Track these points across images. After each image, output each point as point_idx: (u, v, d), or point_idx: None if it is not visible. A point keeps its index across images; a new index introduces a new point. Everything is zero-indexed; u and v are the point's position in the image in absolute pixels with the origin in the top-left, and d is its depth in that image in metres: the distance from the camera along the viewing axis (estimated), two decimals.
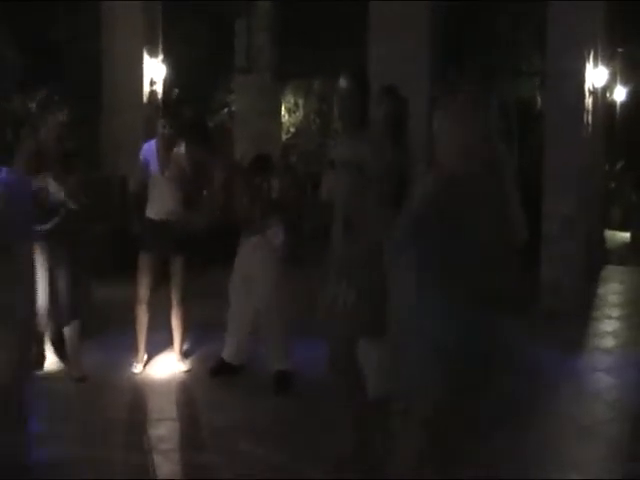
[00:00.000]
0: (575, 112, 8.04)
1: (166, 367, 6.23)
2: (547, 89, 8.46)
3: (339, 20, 12.23)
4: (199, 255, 7.04)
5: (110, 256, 8.61)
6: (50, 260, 5.76)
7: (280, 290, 5.85)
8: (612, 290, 10.01)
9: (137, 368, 6.12)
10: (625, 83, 16.28)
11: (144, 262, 6.03)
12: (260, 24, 13.40)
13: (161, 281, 6.15)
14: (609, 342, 7.42)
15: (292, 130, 16.47)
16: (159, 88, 10.62)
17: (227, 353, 6.04)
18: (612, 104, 15.60)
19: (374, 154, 4.33)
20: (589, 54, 8.23)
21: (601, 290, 9.89)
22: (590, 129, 8.72)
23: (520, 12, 11.70)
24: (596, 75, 9.08)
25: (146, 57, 10.39)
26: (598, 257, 10.62)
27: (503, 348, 3.33)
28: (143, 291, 6.06)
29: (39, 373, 5.88)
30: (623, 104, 16.67)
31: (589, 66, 8.27)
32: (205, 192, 6.23)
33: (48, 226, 5.68)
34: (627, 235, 14.39)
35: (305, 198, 12.01)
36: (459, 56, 10.58)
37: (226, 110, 15.41)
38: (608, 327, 8.01)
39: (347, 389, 4.36)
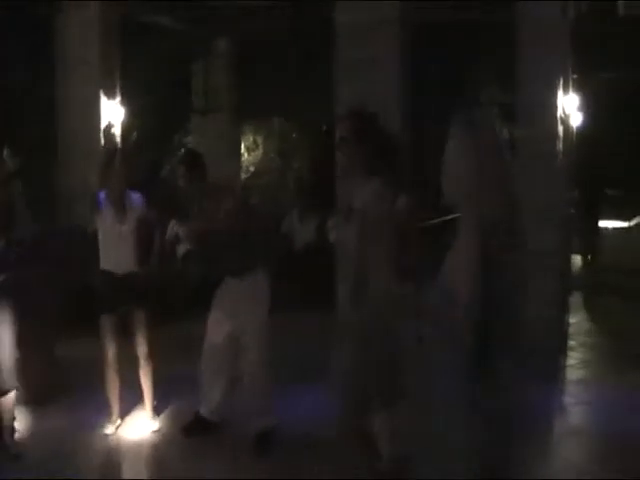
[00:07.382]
0: (549, 142, 7.90)
1: (137, 427, 5.90)
2: (519, 120, 8.26)
3: (301, 58, 12.05)
4: (162, 308, 6.71)
5: (72, 310, 8.19)
6: None
7: (267, 343, 5.50)
8: (583, 317, 9.99)
9: (109, 429, 5.79)
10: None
11: (106, 323, 5.68)
12: (218, 64, 13.22)
13: (125, 337, 5.79)
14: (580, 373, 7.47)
15: (252, 169, 16.21)
16: (117, 131, 10.31)
17: (204, 409, 5.68)
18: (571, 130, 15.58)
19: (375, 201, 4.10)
20: (559, 82, 8.11)
21: (572, 318, 9.75)
22: (561, 157, 8.59)
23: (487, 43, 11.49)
24: (567, 102, 8.94)
25: (103, 99, 10.07)
26: (566, 284, 10.49)
27: None
28: (110, 353, 5.72)
29: None
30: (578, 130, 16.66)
31: (560, 94, 8.16)
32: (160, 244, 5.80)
33: None
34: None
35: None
36: (430, 93, 10.36)
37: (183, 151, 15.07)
38: (583, 356, 8.04)
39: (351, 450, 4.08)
